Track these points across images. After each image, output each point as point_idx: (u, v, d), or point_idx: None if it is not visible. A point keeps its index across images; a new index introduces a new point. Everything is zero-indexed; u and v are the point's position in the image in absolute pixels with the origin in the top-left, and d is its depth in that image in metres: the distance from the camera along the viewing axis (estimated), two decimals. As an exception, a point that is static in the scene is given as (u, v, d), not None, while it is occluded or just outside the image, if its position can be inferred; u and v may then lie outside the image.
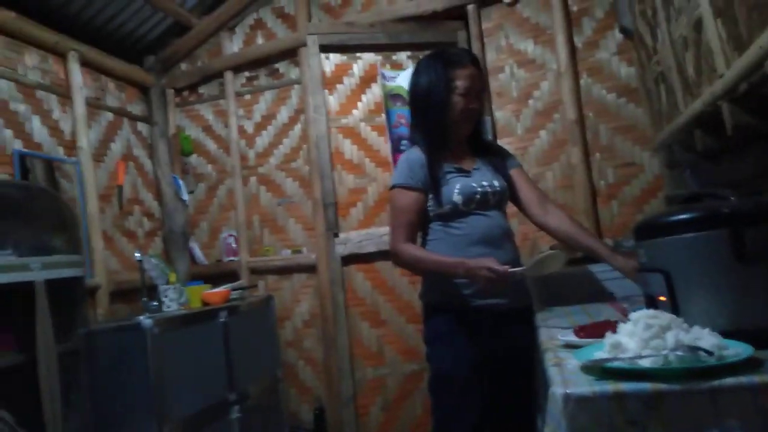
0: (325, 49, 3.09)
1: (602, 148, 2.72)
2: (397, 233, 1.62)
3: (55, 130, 2.76)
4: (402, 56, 3.15)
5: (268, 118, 3.43)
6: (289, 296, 3.28)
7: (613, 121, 2.71)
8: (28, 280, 1.86)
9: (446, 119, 1.65)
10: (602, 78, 2.73)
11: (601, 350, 0.98)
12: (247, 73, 3.47)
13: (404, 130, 2.98)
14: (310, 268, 3.23)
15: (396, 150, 2.98)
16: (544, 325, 1.54)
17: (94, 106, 3.03)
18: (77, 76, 2.88)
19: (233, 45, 3.49)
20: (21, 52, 2.64)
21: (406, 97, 3.02)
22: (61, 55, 2.84)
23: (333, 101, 3.12)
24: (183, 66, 3.56)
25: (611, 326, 1.08)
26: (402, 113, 3.01)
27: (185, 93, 3.58)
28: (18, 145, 2.53)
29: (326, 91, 3.11)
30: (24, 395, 1.83)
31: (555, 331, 1.41)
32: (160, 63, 3.52)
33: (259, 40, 3.43)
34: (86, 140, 2.88)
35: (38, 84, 2.70)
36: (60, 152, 2.76)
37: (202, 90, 3.56)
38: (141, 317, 2.27)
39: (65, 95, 2.84)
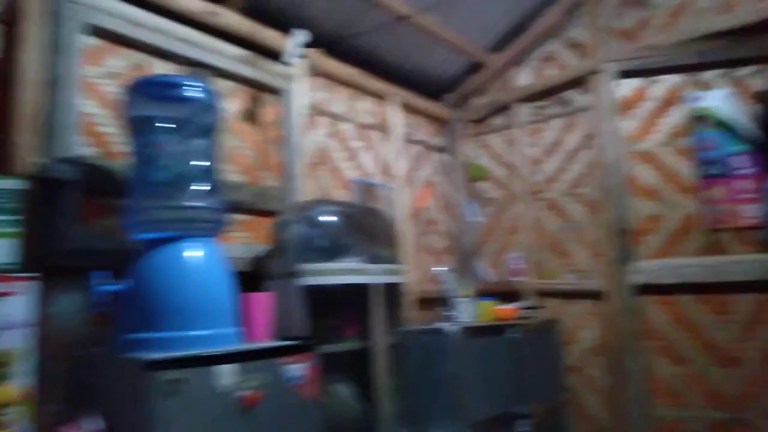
0: (624, 74, 3.06)
1: None
2: None
3: (379, 161, 3.35)
4: (710, 75, 2.92)
5: (556, 145, 3.53)
6: (573, 321, 3.29)
7: None
8: (369, 282, 2.31)
9: None
10: None
11: None
12: (535, 103, 3.64)
13: (712, 154, 2.75)
14: (596, 295, 3.18)
15: (706, 174, 2.76)
16: None
17: (407, 140, 3.57)
18: (396, 116, 3.45)
19: (523, 78, 3.70)
20: (358, 99, 3.29)
21: (714, 119, 2.80)
22: (385, 99, 3.44)
23: (628, 126, 3.06)
24: (477, 100, 3.92)
25: None
26: (710, 136, 2.78)
27: (478, 125, 3.93)
28: (355, 174, 3.16)
29: (621, 116, 3.06)
30: (362, 374, 2.28)
31: None
32: (458, 99, 3.95)
33: (549, 71, 3.57)
34: (401, 170, 3.41)
35: (369, 124, 3.32)
36: (382, 180, 3.34)
37: (492, 121, 3.86)
38: (443, 324, 2.60)
39: (386, 132, 3.42)
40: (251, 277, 2.26)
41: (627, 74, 3.08)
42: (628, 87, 3.15)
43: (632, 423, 2.81)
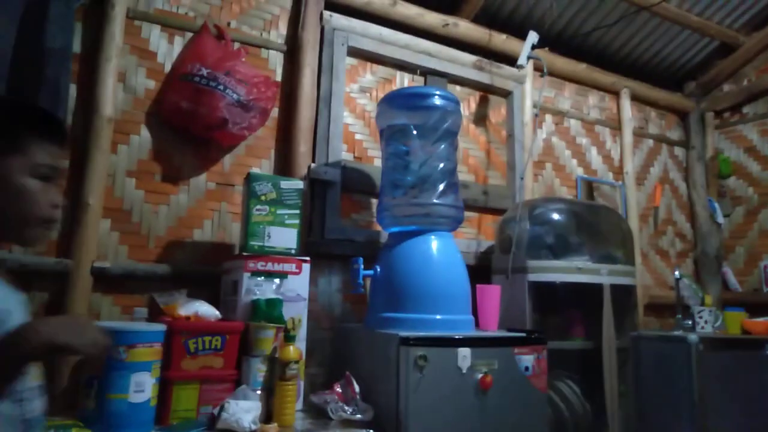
0: None
1: None
2: None
3: (606, 158, 3.22)
4: None
5: (833, 134, 2.98)
6: None
7: None
8: (598, 282, 2.27)
9: None
10: None
11: None
12: (806, 86, 3.11)
13: None
14: None
15: None
16: None
17: (638, 135, 3.36)
18: (627, 109, 3.27)
19: (790, 57, 3.19)
20: (585, 95, 3.21)
21: None
22: (615, 93, 3.28)
23: None
24: (725, 87, 3.49)
25: None
26: None
27: (726, 114, 3.50)
28: (580, 171, 3.09)
29: None
30: (588, 375, 2.25)
31: None
32: (701, 87, 3.56)
33: (827, 47, 3.02)
34: (631, 166, 3.22)
35: (596, 120, 3.21)
36: (609, 177, 3.20)
37: (746, 110, 3.40)
38: (684, 332, 2.41)
39: (616, 127, 3.27)
40: (477, 270, 2.40)
41: None
42: None
43: None
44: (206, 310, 1.70)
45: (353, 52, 2.41)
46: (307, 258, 1.87)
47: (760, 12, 3.19)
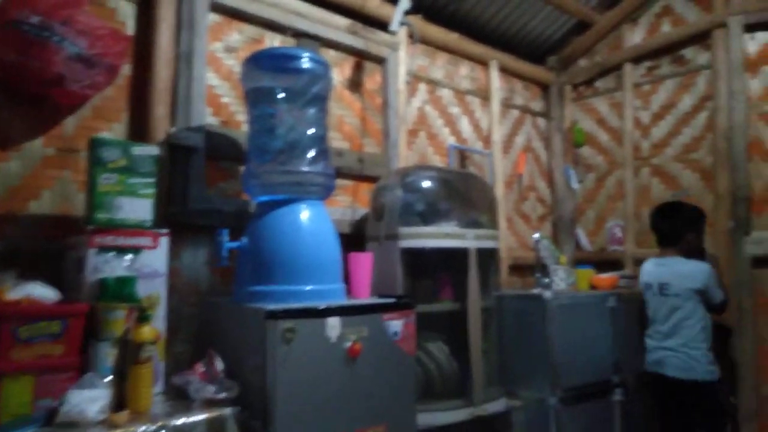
0: (752, 28, 2.80)
1: None
2: None
3: (476, 127, 3.34)
4: None
5: (668, 107, 3.33)
6: (678, 294, 3.14)
7: None
8: (465, 246, 2.36)
9: None
10: None
11: None
12: (647, 63, 3.43)
13: None
14: (706, 268, 3.02)
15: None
16: None
17: (505, 105, 3.52)
18: (495, 80, 3.40)
19: (635, 36, 3.49)
20: (457, 65, 3.28)
21: None
22: (485, 64, 3.39)
23: (756, 86, 2.81)
24: (581, 62, 3.75)
25: None
26: None
27: (581, 88, 3.77)
28: (452, 140, 3.18)
29: (747, 74, 2.82)
30: (456, 335, 2.36)
31: None
32: (560, 62, 3.80)
33: (665, 28, 3.34)
34: (498, 135, 3.38)
35: (467, 90, 3.31)
36: (479, 146, 3.33)
37: (598, 84, 3.69)
38: (541, 290, 2.60)
39: (485, 98, 3.39)
40: (352, 239, 2.39)
41: (756, 27, 2.82)
42: (756, 43, 2.87)
43: (742, 401, 2.69)
44: (42, 292, 1.51)
45: (216, 8, 2.23)
46: (166, 230, 1.73)
47: (611, -8, 3.45)
